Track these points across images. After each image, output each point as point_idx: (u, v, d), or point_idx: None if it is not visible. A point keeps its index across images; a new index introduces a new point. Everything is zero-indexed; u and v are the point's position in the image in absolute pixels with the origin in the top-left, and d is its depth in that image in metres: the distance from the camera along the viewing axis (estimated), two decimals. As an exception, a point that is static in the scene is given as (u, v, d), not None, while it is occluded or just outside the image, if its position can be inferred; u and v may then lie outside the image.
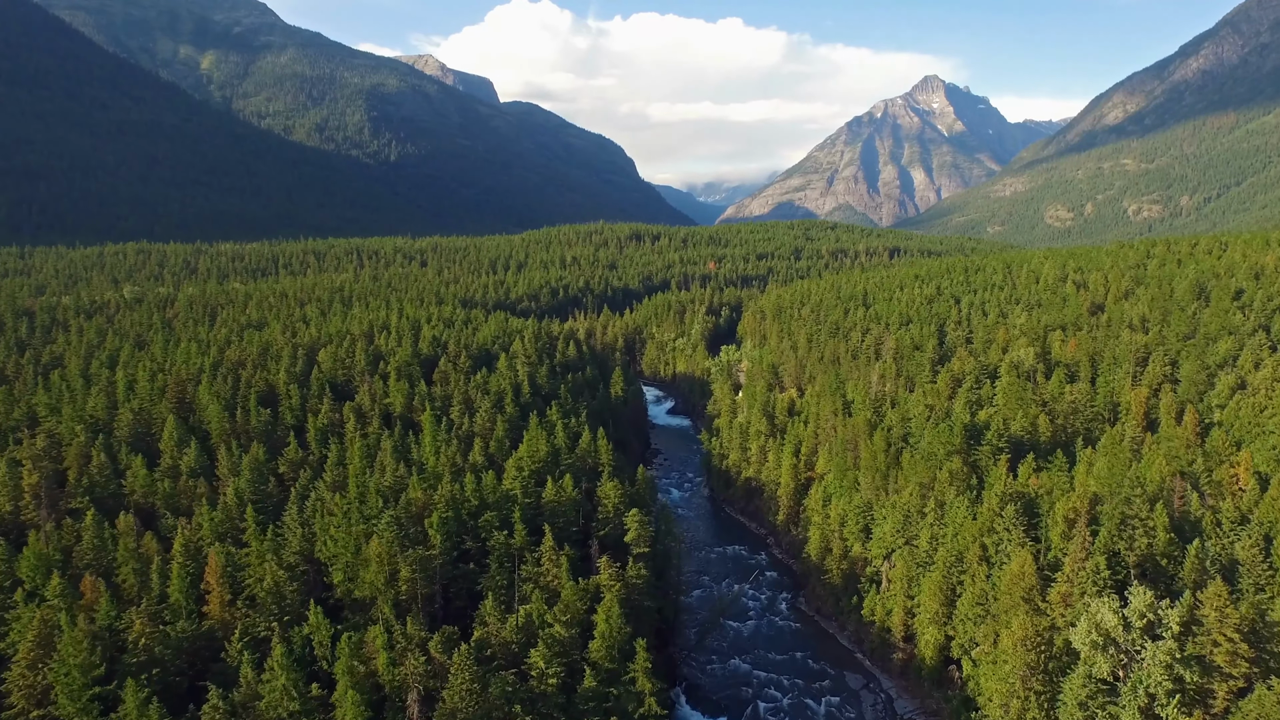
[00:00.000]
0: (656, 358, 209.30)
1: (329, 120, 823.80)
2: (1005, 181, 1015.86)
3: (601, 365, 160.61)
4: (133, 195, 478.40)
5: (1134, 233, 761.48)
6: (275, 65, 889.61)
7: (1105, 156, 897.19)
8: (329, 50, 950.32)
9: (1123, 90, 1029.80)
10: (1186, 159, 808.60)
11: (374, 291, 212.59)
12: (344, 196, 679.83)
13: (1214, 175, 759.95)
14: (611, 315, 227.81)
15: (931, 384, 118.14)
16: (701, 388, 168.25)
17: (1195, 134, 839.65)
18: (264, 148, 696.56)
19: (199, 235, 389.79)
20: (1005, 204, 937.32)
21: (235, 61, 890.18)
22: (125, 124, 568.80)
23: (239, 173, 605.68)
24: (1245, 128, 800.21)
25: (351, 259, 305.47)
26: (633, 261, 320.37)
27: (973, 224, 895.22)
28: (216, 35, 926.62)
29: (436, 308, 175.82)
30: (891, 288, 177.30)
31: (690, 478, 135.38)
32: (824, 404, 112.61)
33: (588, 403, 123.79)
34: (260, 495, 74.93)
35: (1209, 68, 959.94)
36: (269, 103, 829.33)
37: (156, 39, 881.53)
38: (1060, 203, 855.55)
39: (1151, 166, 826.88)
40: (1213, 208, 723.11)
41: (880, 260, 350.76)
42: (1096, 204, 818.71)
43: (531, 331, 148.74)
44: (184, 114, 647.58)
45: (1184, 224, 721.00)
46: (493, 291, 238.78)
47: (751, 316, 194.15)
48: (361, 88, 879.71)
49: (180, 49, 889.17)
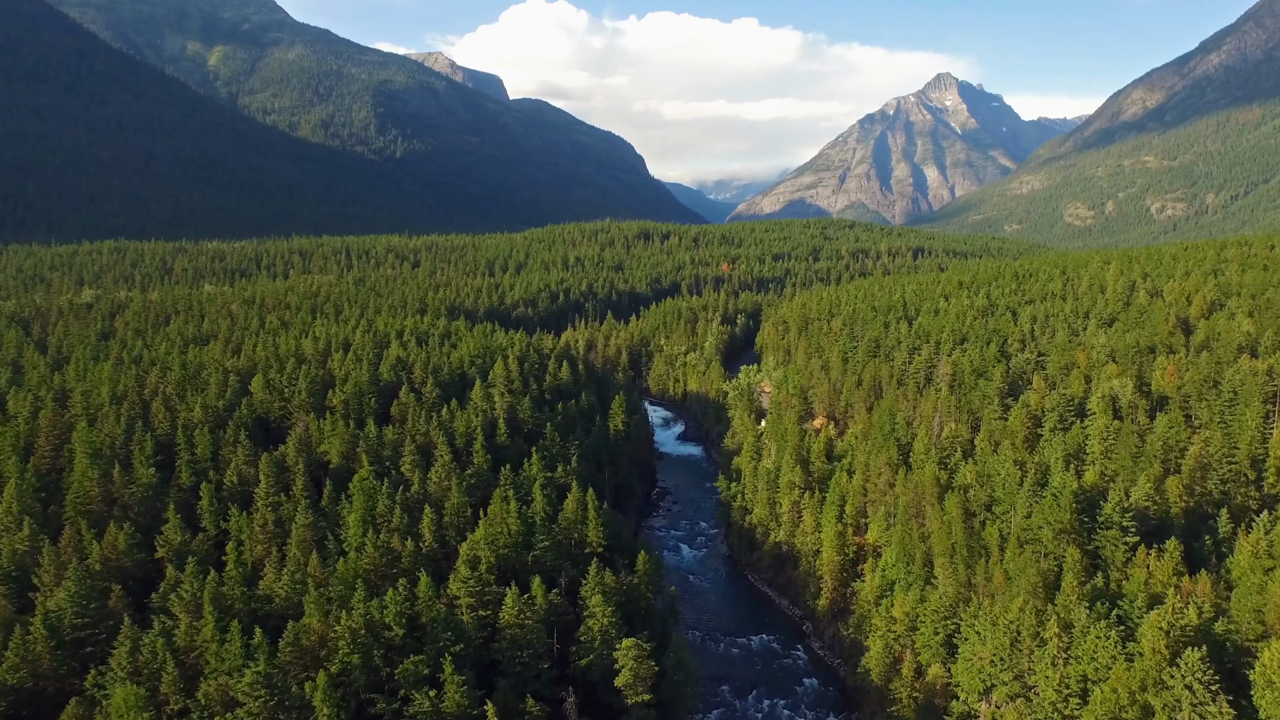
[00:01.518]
0: (665, 374, 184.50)
1: (335, 116, 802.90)
2: (1022, 179, 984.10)
3: (601, 386, 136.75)
4: (126, 192, 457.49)
5: (1158, 231, 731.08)
6: (282, 62, 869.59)
7: (1125, 153, 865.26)
8: (336, 47, 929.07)
9: (1142, 86, 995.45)
10: (1210, 156, 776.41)
11: (355, 296, 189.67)
12: (347, 193, 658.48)
13: (1240, 172, 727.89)
14: (616, 324, 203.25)
15: (1001, 421, 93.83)
16: (716, 411, 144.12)
17: (1219, 130, 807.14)
18: (266, 144, 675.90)
19: (193, 233, 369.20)
20: (1023, 202, 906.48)
21: (242, 58, 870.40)
22: (123, 119, 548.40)
23: (239, 169, 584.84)
24: (1272, 123, 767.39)
25: (340, 259, 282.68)
26: (640, 262, 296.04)
27: (989, 222, 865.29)
28: (225, 32, 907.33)
29: (415, 318, 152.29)
30: (934, 297, 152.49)
31: (704, 528, 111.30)
32: (874, 450, 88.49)
33: (581, 440, 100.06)
34: (86, 620, 51.19)
35: (1231, 63, 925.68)
36: (275, 99, 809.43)
37: (164, 35, 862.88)
38: (1080, 200, 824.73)
39: (1174, 163, 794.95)
40: (1240, 205, 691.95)
41: (904, 261, 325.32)
42: (1118, 202, 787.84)
43: (518, 351, 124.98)
44: (186, 109, 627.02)
45: (1211, 222, 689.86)
46: (486, 296, 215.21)
47: (772, 328, 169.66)
48: (369, 84, 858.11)
49: (188, 45, 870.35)
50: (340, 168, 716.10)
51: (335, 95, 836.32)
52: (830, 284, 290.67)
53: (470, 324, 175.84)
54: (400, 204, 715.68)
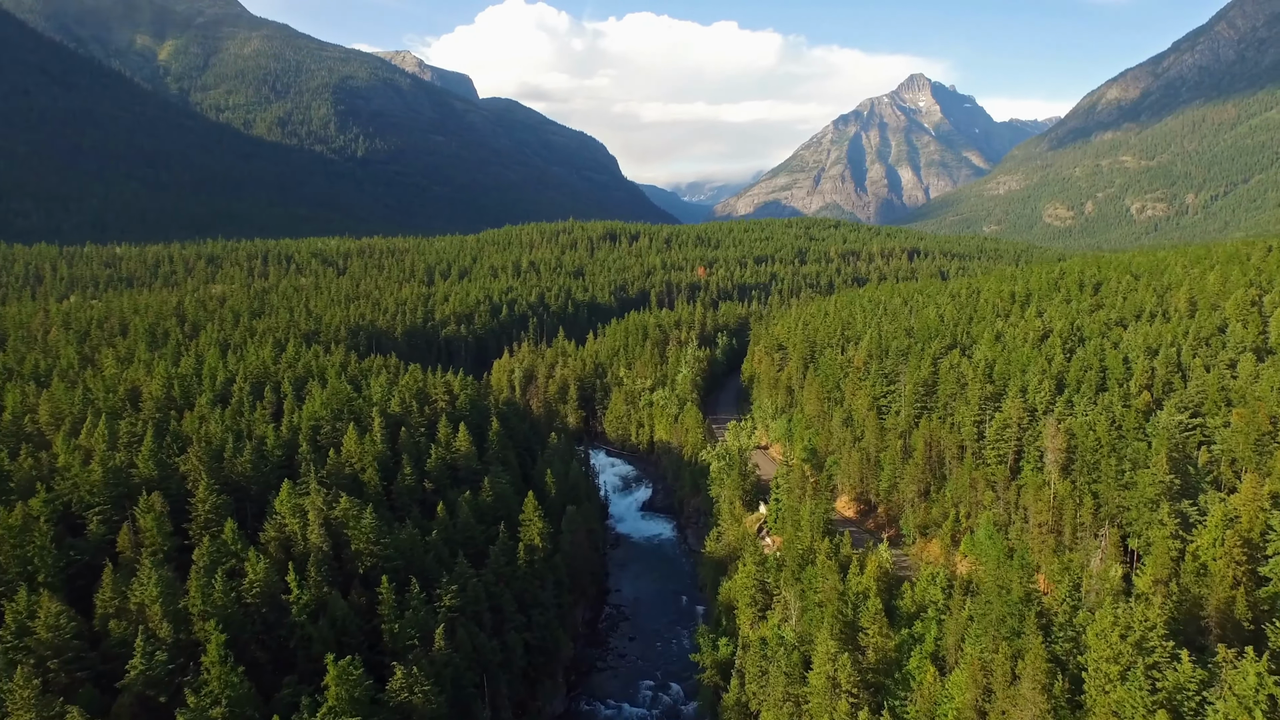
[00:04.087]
0: (626, 415, 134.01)
1: (292, 114, 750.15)
2: (998, 179, 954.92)
3: (528, 450, 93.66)
4: (43, 189, 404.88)
5: (1139, 232, 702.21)
6: (238, 57, 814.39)
7: (1103, 153, 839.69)
8: (296, 42, 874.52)
9: (1116, 85, 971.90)
10: (1189, 155, 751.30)
11: (241, 311, 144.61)
12: (302, 194, 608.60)
13: (1219, 172, 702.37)
14: (567, 346, 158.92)
15: (1175, 542, 52.95)
16: (693, 478, 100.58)
17: (1195, 130, 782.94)
18: (213, 141, 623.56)
19: (118, 234, 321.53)
20: (1000, 202, 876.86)
21: (195, 53, 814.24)
22: (48, 111, 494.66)
23: (179, 167, 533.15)
24: (1248, 124, 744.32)
25: (256, 264, 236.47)
26: (605, 267, 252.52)
27: (967, 222, 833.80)
28: (177, 25, 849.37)
29: (296, 345, 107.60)
30: (985, 316, 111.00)
31: (676, 695, 68.56)
32: (983, 624, 46.72)
33: (465, 580, 57.38)
34: None
35: (1205, 63, 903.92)
36: (229, 95, 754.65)
37: (111, 28, 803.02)
38: (1058, 201, 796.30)
39: (1152, 163, 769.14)
40: (1220, 206, 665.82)
41: (899, 263, 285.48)
42: (1097, 202, 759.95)
43: (398, 405, 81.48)
44: (122, 103, 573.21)
45: (1192, 223, 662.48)
46: (410, 312, 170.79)
47: (765, 354, 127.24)
48: (329, 81, 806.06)
49: (137, 38, 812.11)
50: (296, 167, 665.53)
51: (293, 92, 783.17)
52: (821, 290, 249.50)
53: (376, 351, 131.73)
54: (360, 205, 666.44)
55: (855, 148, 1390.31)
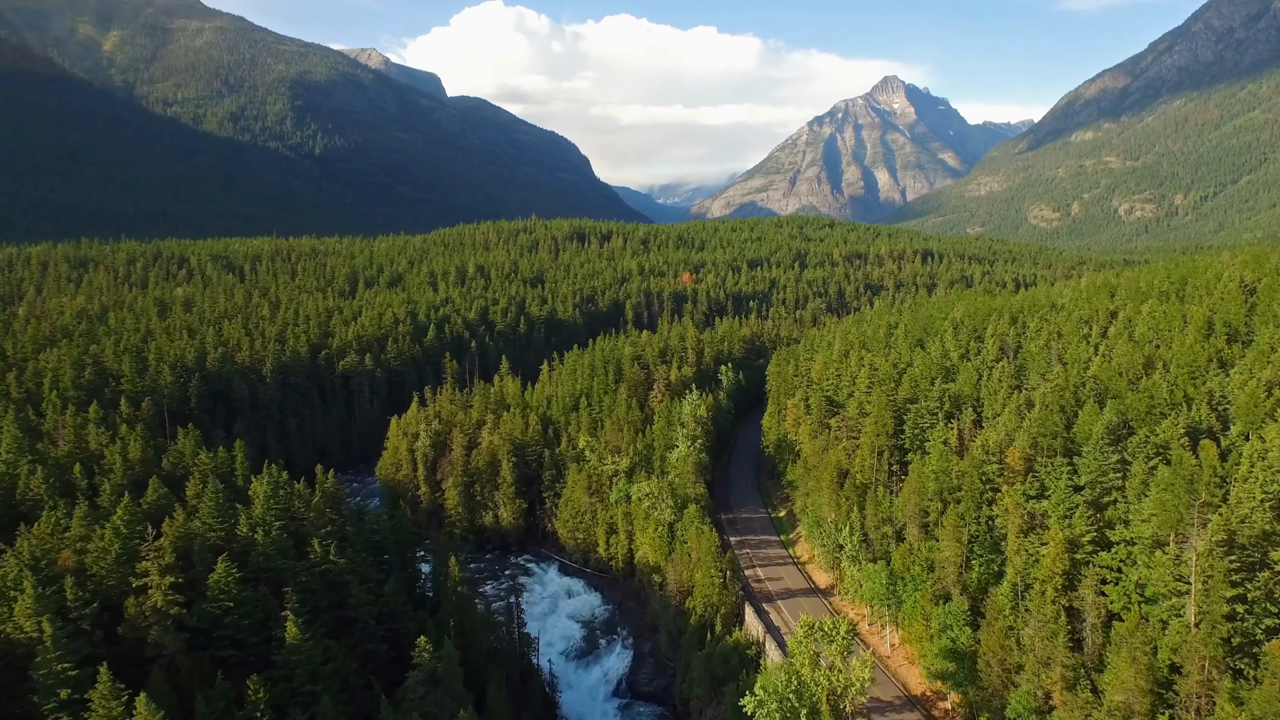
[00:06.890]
0: (589, 513, 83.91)
1: (246, 109, 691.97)
2: (979, 180, 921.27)
3: (417, 595, 46.18)
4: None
5: (1129, 233, 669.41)
6: (189, 50, 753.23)
7: (1085, 154, 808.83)
8: (251, 35, 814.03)
9: (1094, 85, 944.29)
10: (1174, 156, 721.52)
11: (84, 331, 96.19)
12: (251, 192, 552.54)
13: (1207, 173, 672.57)
14: (507, 387, 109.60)
15: None
16: (709, 666, 52.77)
17: (1179, 130, 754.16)
18: (153, 135, 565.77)
19: (21, 234, 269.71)
20: (983, 203, 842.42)
21: (143, 44, 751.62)
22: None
23: (110, 162, 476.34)
24: (1231, 124, 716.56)
25: (134, 269, 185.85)
26: (570, 273, 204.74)
27: (950, 224, 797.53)
28: (124, 15, 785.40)
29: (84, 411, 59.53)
30: (1191, 363, 65.35)
31: None
32: None
33: None
34: None
35: (1184, 63, 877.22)
36: (178, 89, 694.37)
37: (50, 15, 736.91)
38: (1043, 202, 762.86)
39: (1138, 164, 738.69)
40: (1211, 207, 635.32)
41: (914, 268, 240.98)
42: (1084, 203, 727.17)
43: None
44: (48, 94, 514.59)
45: (1183, 224, 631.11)
46: (308, 331, 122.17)
47: (803, 413, 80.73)
48: (286, 75, 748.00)
49: (79, 27, 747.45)
50: (247, 164, 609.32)
51: (248, 86, 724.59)
52: (830, 299, 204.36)
53: (221, 404, 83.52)
54: (318, 203, 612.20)
55: (830, 149, 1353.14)
